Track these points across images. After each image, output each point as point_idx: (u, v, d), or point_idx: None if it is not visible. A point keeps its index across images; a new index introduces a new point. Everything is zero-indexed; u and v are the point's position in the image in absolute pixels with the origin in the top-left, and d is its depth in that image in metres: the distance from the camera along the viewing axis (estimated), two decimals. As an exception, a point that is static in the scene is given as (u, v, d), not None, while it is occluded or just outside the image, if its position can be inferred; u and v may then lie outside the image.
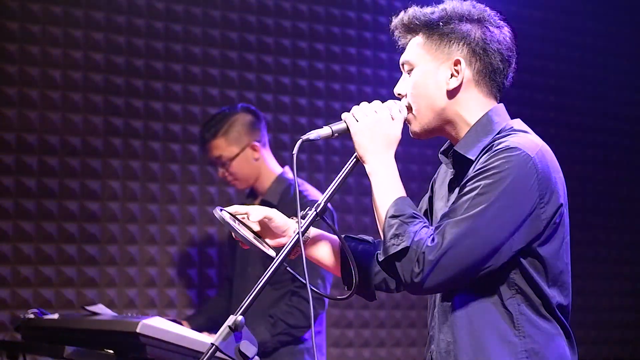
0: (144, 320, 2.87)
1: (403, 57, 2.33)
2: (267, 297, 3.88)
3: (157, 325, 2.88)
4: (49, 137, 4.46)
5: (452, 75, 2.25)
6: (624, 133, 6.41)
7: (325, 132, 2.21)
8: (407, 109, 2.28)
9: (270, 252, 2.31)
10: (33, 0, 4.46)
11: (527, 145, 2.15)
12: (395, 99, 2.31)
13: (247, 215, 2.34)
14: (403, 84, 2.32)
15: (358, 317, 5.23)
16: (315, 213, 2.18)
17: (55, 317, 3.34)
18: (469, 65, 2.26)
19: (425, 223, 2.13)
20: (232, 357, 2.02)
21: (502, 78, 2.30)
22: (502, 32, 2.30)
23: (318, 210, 2.18)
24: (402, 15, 2.33)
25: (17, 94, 4.41)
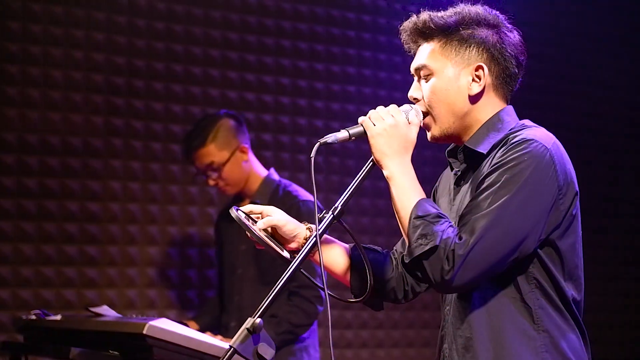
0: (151, 322, 2.86)
1: (418, 62, 2.32)
2: (261, 296, 3.87)
3: (163, 327, 2.87)
4: (50, 137, 4.45)
5: (473, 80, 2.27)
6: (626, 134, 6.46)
7: (343, 135, 2.21)
8: (422, 114, 2.29)
9: (285, 253, 2.31)
10: (34, 0, 4.46)
11: (543, 138, 2.18)
12: (410, 103, 2.32)
13: (261, 215, 2.33)
14: (418, 89, 2.32)
15: (357, 318, 5.24)
16: (333, 216, 2.18)
17: (58, 318, 3.33)
18: (489, 71, 2.28)
19: (450, 222, 2.14)
20: (250, 359, 2.01)
21: (515, 82, 2.33)
22: (515, 36, 2.32)
23: (335, 214, 2.18)
24: (414, 20, 2.33)
25: (18, 94, 4.40)
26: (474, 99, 2.28)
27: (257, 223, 2.31)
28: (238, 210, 2.27)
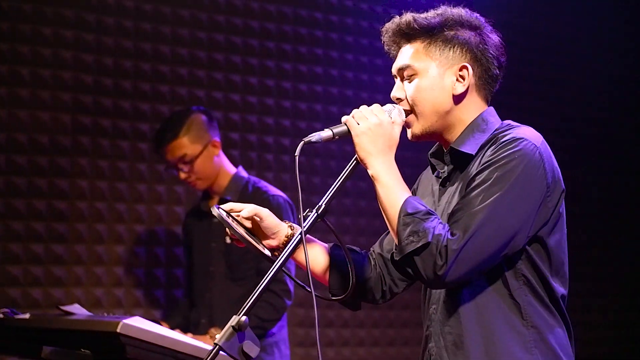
0: (125, 320, 2.82)
1: (401, 62, 2.34)
2: (231, 293, 3.91)
3: (138, 325, 2.84)
4: (17, 135, 4.42)
5: (457, 80, 2.30)
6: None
7: (326, 134, 2.22)
8: (405, 113, 2.31)
9: (266, 251, 2.32)
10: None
11: (531, 136, 2.23)
12: (393, 103, 2.34)
13: (240, 212, 2.34)
14: (401, 89, 2.34)
15: (338, 317, 5.27)
16: (317, 214, 2.19)
17: (27, 316, 3.29)
18: (473, 71, 2.31)
19: (440, 219, 2.17)
20: (235, 357, 2.02)
21: (496, 83, 2.37)
22: (496, 38, 2.36)
23: (319, 212, 2.19)
24: (397, 21, 2.35)
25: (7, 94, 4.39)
26: (458, 99, 2.31)
27: (241, 212, 2.31)
28: (219, 209, 2.28)
